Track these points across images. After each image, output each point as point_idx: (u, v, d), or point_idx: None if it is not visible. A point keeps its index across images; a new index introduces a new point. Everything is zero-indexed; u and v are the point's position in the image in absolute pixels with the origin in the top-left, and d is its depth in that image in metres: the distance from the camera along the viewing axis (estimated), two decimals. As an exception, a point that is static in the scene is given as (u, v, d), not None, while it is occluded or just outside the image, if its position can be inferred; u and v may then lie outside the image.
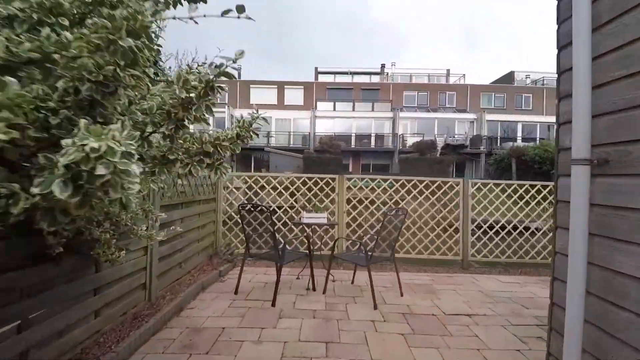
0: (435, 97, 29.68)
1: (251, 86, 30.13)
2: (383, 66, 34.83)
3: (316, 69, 34.90)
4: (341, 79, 33.44)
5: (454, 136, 26.15)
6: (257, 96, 29.90)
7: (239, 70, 33.42)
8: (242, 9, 1.41)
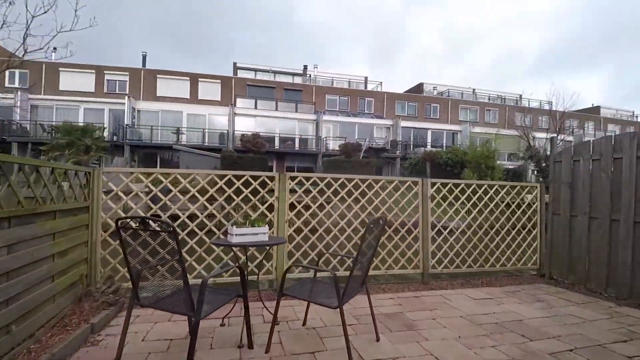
0: (355, 102, 30.38)
1: (158, 76, 26.30)
2: (305, 68, 34.30)
3: (235, 64, 32.47)
4: (262, 77, 31.77)
5: (375, 140, 27.10)
6: (166, 88, 26.28)
7: (144, 56, 29.08)
8: None
